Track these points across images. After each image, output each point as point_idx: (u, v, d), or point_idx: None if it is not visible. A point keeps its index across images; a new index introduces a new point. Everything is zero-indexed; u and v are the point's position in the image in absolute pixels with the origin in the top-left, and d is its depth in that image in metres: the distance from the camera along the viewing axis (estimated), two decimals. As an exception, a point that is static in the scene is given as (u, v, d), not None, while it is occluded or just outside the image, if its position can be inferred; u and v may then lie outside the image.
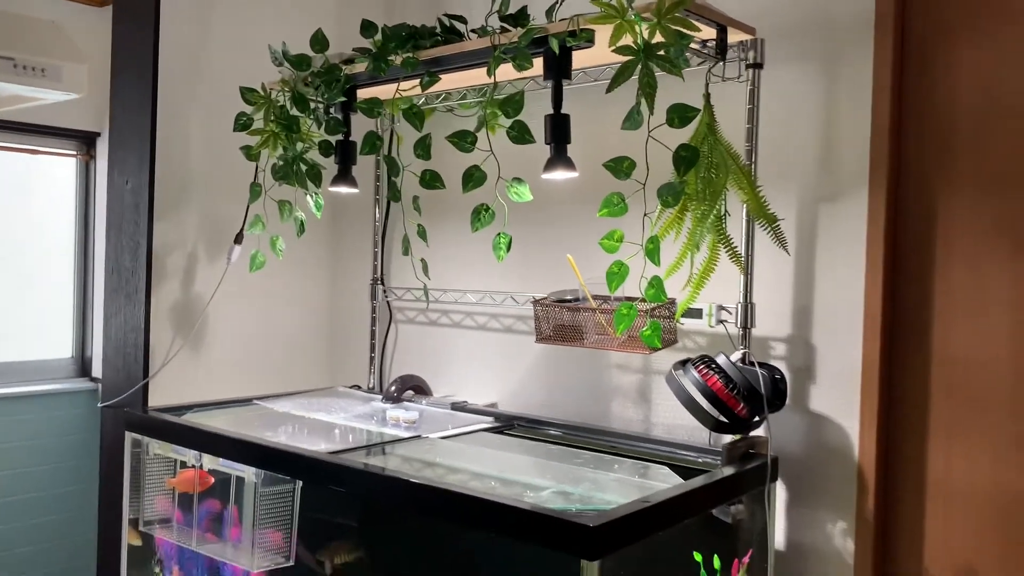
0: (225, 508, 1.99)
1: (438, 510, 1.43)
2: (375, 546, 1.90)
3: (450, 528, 1.76)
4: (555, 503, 1.43)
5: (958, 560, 1.68)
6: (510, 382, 2.30)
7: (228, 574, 2.06)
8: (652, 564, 1.55)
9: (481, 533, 1.69)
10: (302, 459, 1.67)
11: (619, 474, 1.70)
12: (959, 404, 1.69)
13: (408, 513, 1.74)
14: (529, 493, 1.49)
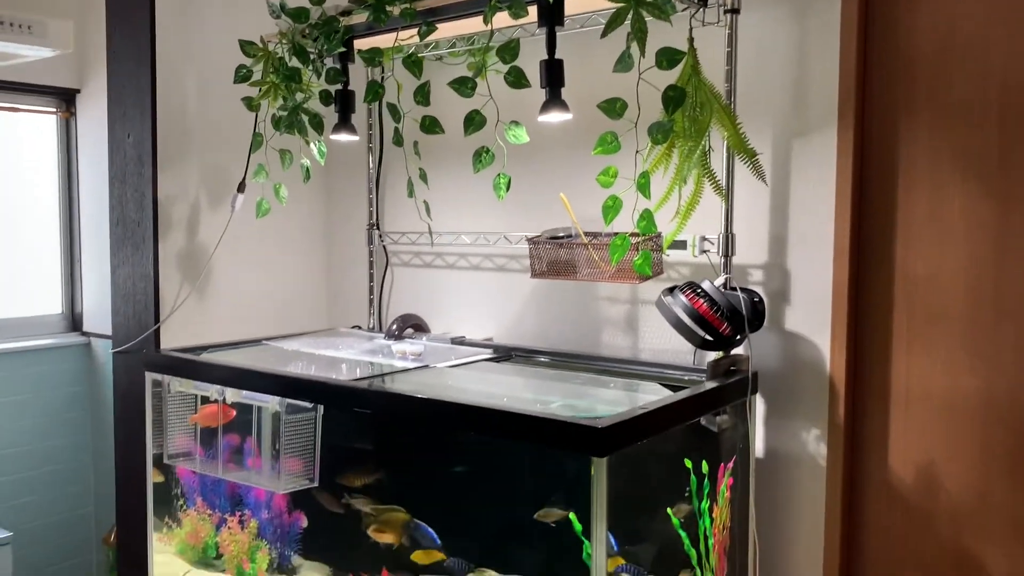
0: (245, 441, 2.11)
1: (462, 423, 1.57)
2: (392, 469, 2.05)
3: (463, 447, 1.91)
4: (564, 413, 1.58)
5: (919, 457, 1.89)
6: (505, 318, 2.44)
7: (250, 502, 2.20)
8: (650, 468, 1.72)
9: (496, 447, 1.85)
10: (326, 385, 1.81)
11: (616, 390, 1.87)
12: (919, 318, 1.87)
13: (429, 431, 1.88)
14: (539, 406, 1.65)
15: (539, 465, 1.82)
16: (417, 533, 1.95)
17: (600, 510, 1.42)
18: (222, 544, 2.19)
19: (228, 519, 2.19)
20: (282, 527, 2.15)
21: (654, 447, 1.72)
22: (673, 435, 1.77)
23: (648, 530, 1.69)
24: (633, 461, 1.57)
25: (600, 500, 1.41)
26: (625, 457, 1.47)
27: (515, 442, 1.75)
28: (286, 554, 2.15)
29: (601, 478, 1.40)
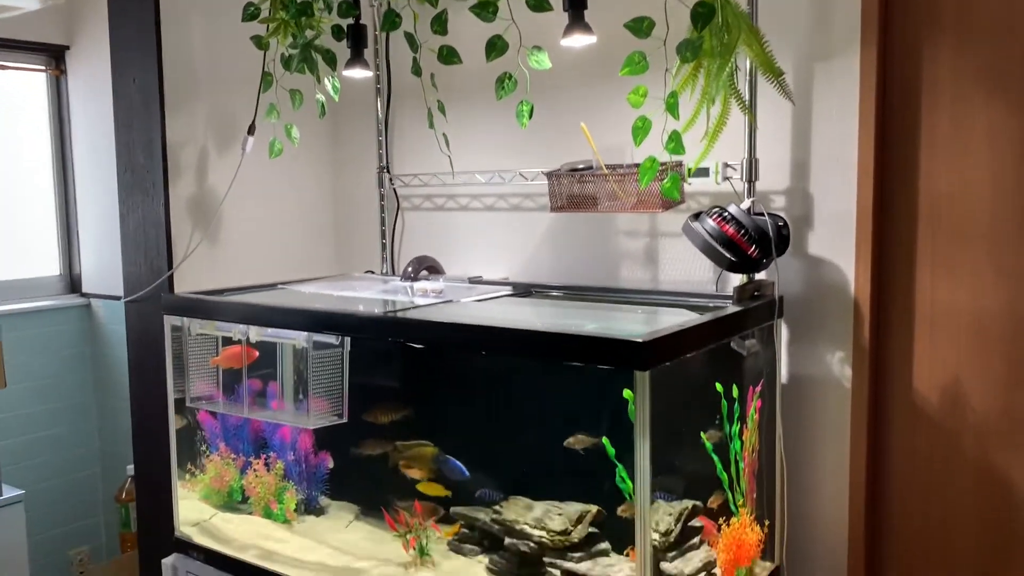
0: (267, 386, 2.10)
1: (500, 347, 1.57)
2: (420, 403, 2.06)
3: (492, 377, 1.92)
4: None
5: (944, 376, 1.91)
6: (521, 257, 2.44)
7: (275, 444, 2.20)
8: (684, 392, 1.74)
9: (525, 375, 1.87)
10: (356, 317, 1.80)
11: (645, 314, 1.88)
12: (944, 237, 1.89)
13: (460, 361, 1.89)
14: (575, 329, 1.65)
15: (570, 392, 1.84)
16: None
17: (643, 427, 1.43)
18: (248, 487, 2.19)
19: (253, 462, 2.19)
20: (308, 468, 2.16)
21: (688, 370, 1.73)
22: (705, 358, 1.78)
23: (683, 454, 1.71)
24: (670, 382, 1.58)
25: (643, 415, 1.42)
26: (664, 375, 1.48)
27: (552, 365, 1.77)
28: (313, 495, 2.16)
29: (644, 392, 1.41)
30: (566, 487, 1.85)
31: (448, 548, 1.96)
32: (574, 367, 1.76)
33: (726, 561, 1.78)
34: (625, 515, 1.65)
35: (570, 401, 1.86)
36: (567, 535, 1.77)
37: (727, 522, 1.78)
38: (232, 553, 2.03)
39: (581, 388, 1.82)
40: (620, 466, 1.64)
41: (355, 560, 1.96)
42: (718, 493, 1.79)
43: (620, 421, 1.58)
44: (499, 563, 1.85)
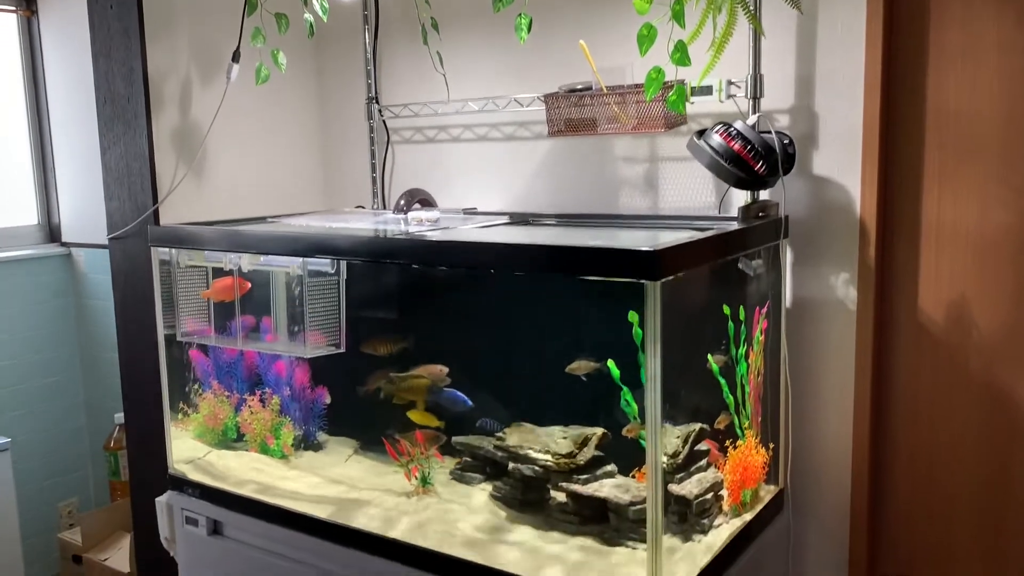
0: (261, 321, 2.05)
1: (506, 263, 1.53)
2: (419, 333, 2.03)
3: (493, 304, 1.89)
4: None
5: (950, 295, 1.89)
6: (516, 188, 2.39)
7: (270, 380, 2.16)
8: (692, 311, 1.71)
9: (527, 301, 1.84)
10: (354, 239, 1.75)
11: (650, 233, 1.84)
12: (951, 154, 1.85)
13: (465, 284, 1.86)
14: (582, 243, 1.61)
15: (573, 318, 1.83)
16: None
17: (654, 340, 1.39)
18: (243, 424, 2.16)
19: (248, 399, 2.15)
20: (305, 404, 2.13)
21: (696, 287, 1.71)
22: (712, 277, 1.76)
23: (690, 377, 1.69)
24: (679, 298, 1.55)
25: (654, 328, 1.39)
26: (674, 289, 1.45)
27: (554, 291, 1.79)
28: (311, 431, 2.14)
29: (655, 305, 1.38)
30: (569, 414, 1.84)
31: (451, 477, 1.94)
32: (578, 292, 1.75)
33: (733, 483, 1.78)
34: (631, 435, 1.64)
35: (573, 327, 1.84)
36: (572, 458, 1.75)
37: (733, 445, 1.77)
38: (229, 488, 1.99)
39: (584, 313, 1.81)
40: (625, 389, 1.63)
41: (356, 492, 1.94)
42: (724, 416, 1.77)
43: (625, 345, 1.56)
44: (503, 489, 1.84)
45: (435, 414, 1.94)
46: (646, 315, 1.39)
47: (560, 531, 1.70)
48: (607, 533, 1.66)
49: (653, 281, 1.37)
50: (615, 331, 1.64)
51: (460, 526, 1.75)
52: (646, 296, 1.38)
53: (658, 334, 1.40)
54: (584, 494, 1.70)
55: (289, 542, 1.87)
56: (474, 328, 1.97)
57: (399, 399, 1.98)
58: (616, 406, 1.64)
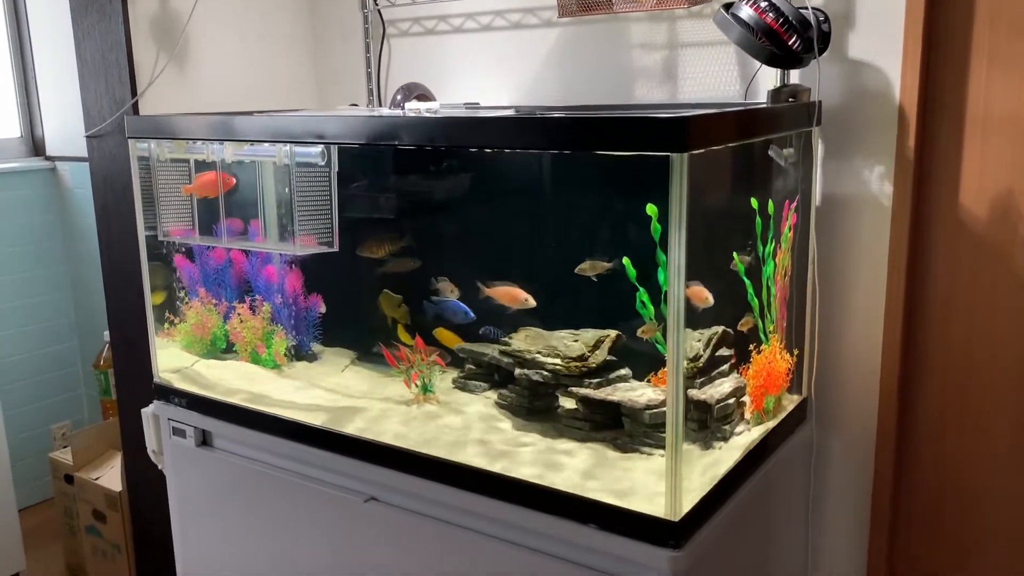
0: (248, 225, 1.94)
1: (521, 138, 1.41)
2: (419, 234, 1.92)
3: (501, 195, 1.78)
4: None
5: (995, 188, 1.75)
6: (523, 81, 2.24)
7: (260, 287, 2.06)
8: (719, 203, 1.60)
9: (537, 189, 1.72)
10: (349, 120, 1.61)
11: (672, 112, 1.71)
12: (1003, 31, 1.69)
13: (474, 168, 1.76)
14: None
15: (584, 213, 1.73)
16: (443, 308, 1.84)
17: (678, 220, 1.26)
18: (232, 333, 2.07)
19: (237, 307, 2.06)
20: (299, 312, 2.05)
21: (724, 172, 1.59)
22: (740, 164, 1.64)
23: (714, 274, 1.58)
24: (706, 178, 1.42)
25: (679, 208, 1.25)
26: (701, 165, 1.31)
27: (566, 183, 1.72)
28: (305, 341, 2.06)
29: (681, 180, 1.24)
30: (579, 318, 1.75)
31: (453, 386, 1.87)
32: (592, 184, 1.67)
33: (756, 388, 1.69)
34: (647, 336, 1.55)
35: (584, 224, 1.75)
36: (584, 361, 1.66)
37: (757, 349, 1.68)
38: (218, 397, 1.91)
39: (597, 208, 1.72)
40: (641, 290, 1.53)
41: (353, 400, 1.86)
42: (748, 319, 1.67)
43: (641, 243, 1.48)
44: (509, 397, 1.75)
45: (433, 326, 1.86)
46: (671, 195, 1.25)
47: (570, 438, 1.62)
48: (621, 439, 1.58)
49: (680, 153, 1.23)
50: (631, 228, 1.58)
51: (463, 433, 1.67)
52: (671, 172, 1.24)
53: (683, 217, 1.27)
54: (596, 399, 1.61)
55: (281, 451, 1.79)
56: (477, 228, 1.88)
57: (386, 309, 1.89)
58: (630, 309, 1.55)
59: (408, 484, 1.61)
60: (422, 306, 1.88)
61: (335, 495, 1.71)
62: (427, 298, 1.85)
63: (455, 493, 1.54)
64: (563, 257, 1.73)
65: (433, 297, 1.84)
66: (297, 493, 1.78)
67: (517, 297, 1.72)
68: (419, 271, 1.91)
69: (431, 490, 1.57)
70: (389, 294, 1.89)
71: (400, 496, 1.64)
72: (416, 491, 1.60)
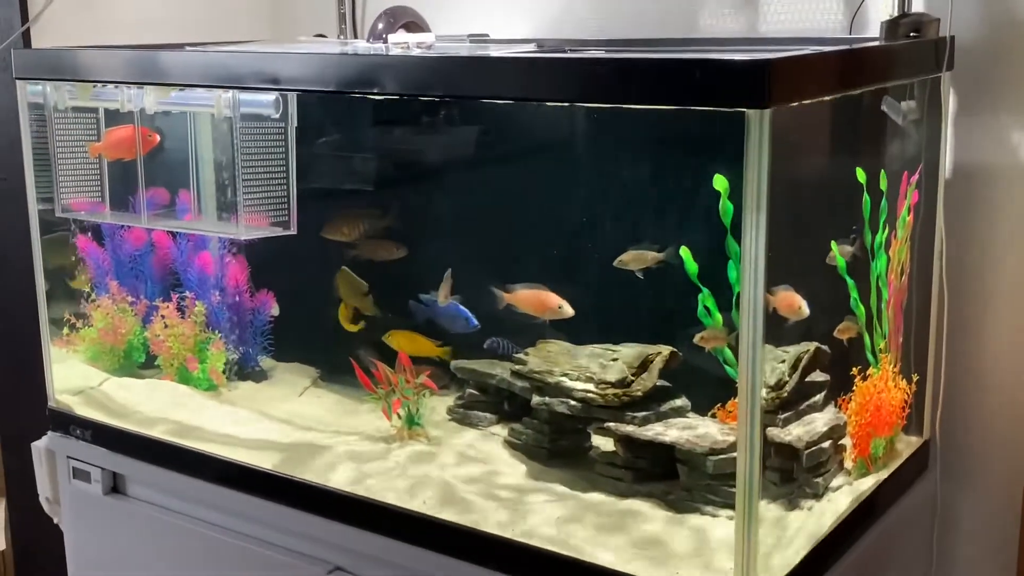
0: (177, 196, 1.98)
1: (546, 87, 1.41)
2: (404, 210, 1.95)
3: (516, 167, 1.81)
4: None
5: None
6: (547, 7, 2.26)
7: (192, 281, 2.10)
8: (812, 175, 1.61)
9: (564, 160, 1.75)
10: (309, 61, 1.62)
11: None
12: None
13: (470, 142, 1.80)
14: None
15: (629, 185, 1.74)
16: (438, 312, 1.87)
17: (756, 206, 1.26)
18: (154, 342, 2.09)
19: (160, 307, 2.08)
20: (242, 314, 2.08)
21: (818, 138, 1.59)
22: (844, 122, 1.64)
23: (805, 272, 1.59)
24: (795, 145, 1.44)
25: (758, 183, 1.25)
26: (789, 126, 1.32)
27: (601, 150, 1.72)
28: (250, 352, 2.10)
29: (761, 145, 1.24)
30: (618, 329, 1.77)
31: (449, 417, 1.89)
32: (637, 149, 1.68)
33: (859, 428, 1.69)
34: (708, 347, 1.56)
35: (626, 201, 1.76)
36: (626, 387, 1.66)
37: (862, 375, 1.67)
38: (134, 428, 1.93)
39: (644, 181, 1.73)
40: (705, 291, 1.54)
41: (314, 435, 1.87)
42: (850, 330, 1.68)
43: (704, 228, 1.49)
44: (524, 434, 1.77)
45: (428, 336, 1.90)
46: (747, 164, 1.25)
47: (607, 491, 1.63)
48: (675, 494, 1.58)
49: (760, 109, 1.22)
50: (692, 207, 1.60)
51: (462, 482, 1.68)
52: (748, 135, 1.24)
53: (763, 194, 1.26)
54: (642, 439, 1.61)
55: (218, 503, 1.81)
56: (483, 205, 1.90)
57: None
58: (690, 317, 1.57)
59: (387, 551, 1.61)
60: (408, 308, 1.90)
61: (289, 563, 1.72)
62: (415, 297, 1.88)
63: (451, 564, 1.55)
64: (599, 245, 1.75)
65: (423, 296, 1.87)
66: (238, 559, 1.79)
67: (547, 303, 1.72)
68: (406, 261, 1.94)
69: (417, 559, 1.58)
70: (349, 274, 1.91)
71: (376, 567, 1.64)
72: (397, 560, 1.61)
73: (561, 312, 1.71)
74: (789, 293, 1.47)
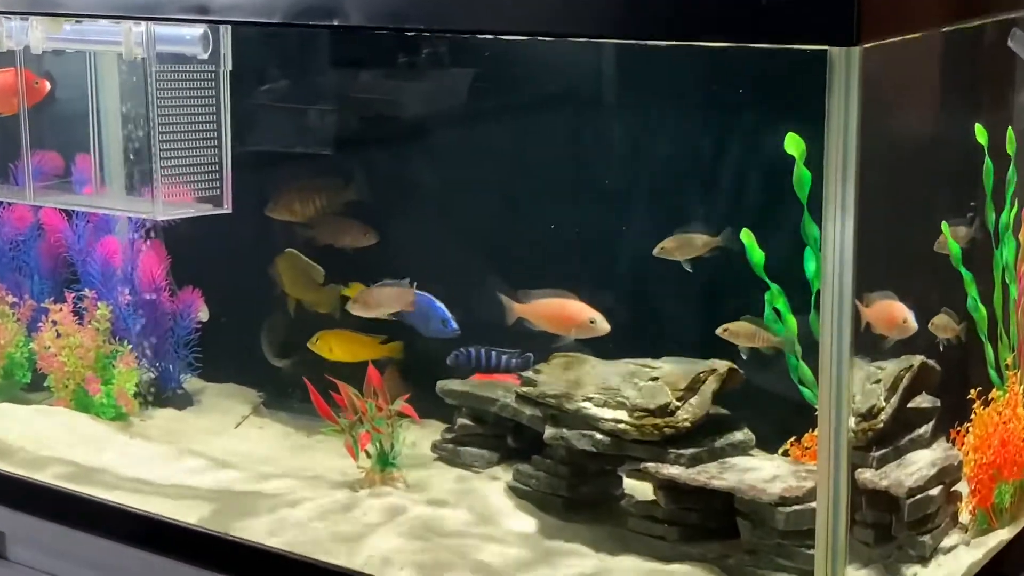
0: (74, 162, 2.01)
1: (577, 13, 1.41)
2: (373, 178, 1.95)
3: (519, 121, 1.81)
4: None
5: None
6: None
7: (93, 275, 2.12)
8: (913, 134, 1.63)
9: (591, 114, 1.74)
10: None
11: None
12: None
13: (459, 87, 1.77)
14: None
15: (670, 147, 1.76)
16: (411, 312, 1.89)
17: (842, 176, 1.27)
18: (42, 356, 2.10)
19: (51, 309, 2.09)
20: (159, 320, 2.10)
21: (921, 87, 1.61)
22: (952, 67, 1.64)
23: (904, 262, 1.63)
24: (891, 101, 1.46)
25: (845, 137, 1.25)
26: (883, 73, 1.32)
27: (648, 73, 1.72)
28: (171, 370, 2.12)
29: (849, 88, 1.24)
30: (658, 339, 1.79)
31: (435, 455, 1.91)
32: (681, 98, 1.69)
33: (980, 469, 1.68)
34: (762, 345, 1.60)
35: (670, 170, 1.77)
36: (670, 415, 1.65)
37: (983, 398, 1.67)
38: (17, 472, 1.94)
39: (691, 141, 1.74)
40: (774, 288, 1.56)
41: (254, 480, 1.88)
42: (965, 336, 1.70)
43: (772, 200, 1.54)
44: (534, 477, 1.77)
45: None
46: (831, 119, 1.25)
47: (643, 554, 1.63)
48: (733, 558, 1.59)
49: (847, 47, 1.23)
50: (755, 177, 1.64)
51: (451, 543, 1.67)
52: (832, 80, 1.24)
53: (851, 162, 1.27)
54: (691, 485, 1.61)
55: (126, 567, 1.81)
56: (480, 176, 1.92)
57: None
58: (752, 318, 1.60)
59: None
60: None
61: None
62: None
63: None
64: (632, 229, 1.77)
65: (387, 281, 1.89)
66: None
67: (574, 317, 1.73)
68: (376, 250, 1.95)
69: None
70: (296, 257, 1.93)
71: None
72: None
73: (594, 328, 1.73)
74: (889, 302, 1.46)
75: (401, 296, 1.81)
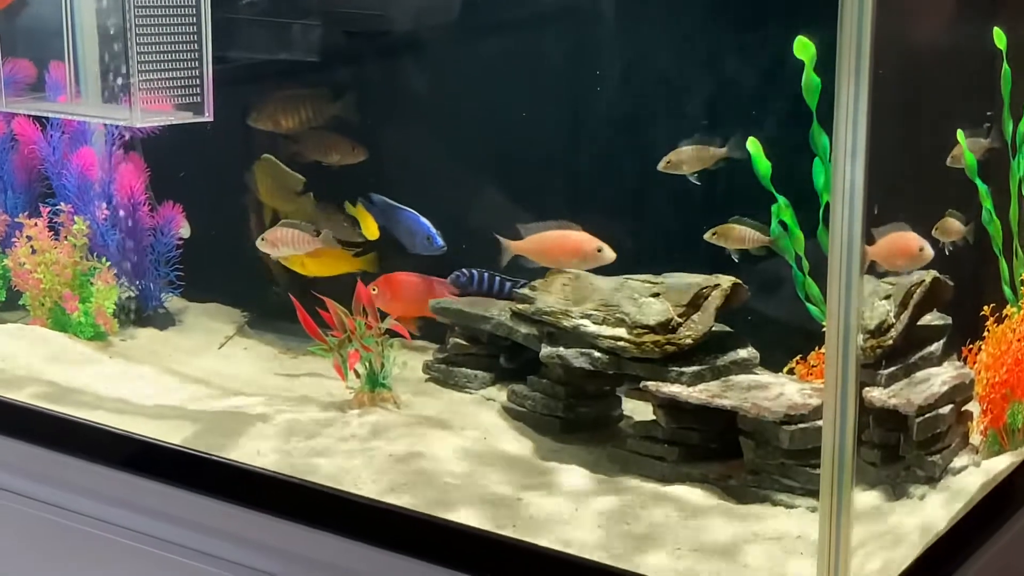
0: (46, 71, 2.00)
1: None
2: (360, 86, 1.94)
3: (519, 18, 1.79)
4: None
5: None
6: None
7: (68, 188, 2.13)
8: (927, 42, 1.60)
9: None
10: None
11: None
12: None
13: None
14: None
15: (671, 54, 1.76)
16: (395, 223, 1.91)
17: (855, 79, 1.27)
18: (17, 272, 2.11)
19: (26, 224, 2.10)
20: (139, 235, 2.10)
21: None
22: None
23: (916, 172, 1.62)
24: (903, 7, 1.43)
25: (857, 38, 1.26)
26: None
27: None
28: (152, 289, 2.13)
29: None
30: (659, 254, 1.81)
31: (426, 376, 1.92)
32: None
33: (992, 388, 1.69)
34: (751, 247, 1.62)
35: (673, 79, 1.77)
36: (671, 333, 1.66)
37: (996, 315, 1.68)
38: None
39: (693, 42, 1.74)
40: (781, 200, 1.57)
41: (239, 400, 1.88)
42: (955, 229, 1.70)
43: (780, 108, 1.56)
44: (530, 397, 1.78)
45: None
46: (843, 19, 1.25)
47: (642, 475, 1.64)
48: (736, 479, 1.59)
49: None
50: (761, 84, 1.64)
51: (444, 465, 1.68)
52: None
53: (864, 67, 1.26)
54: (693, 404, 1.62)
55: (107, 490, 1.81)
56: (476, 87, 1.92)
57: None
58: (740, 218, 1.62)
59: (340, 554, 1.62)
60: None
61: (206, 571, 1.72)
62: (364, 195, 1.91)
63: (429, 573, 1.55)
64: (635, 138, 1.76)
65: (373, 196, 1.89)
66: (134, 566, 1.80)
67: (579, 248, 1.74)
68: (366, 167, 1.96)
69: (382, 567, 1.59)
70: (273, 163, 1.93)
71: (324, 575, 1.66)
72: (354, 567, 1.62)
73: (601, 257, 1.74)
74: (901, 233, 1.47)
75: (301, 239, 1.81)
